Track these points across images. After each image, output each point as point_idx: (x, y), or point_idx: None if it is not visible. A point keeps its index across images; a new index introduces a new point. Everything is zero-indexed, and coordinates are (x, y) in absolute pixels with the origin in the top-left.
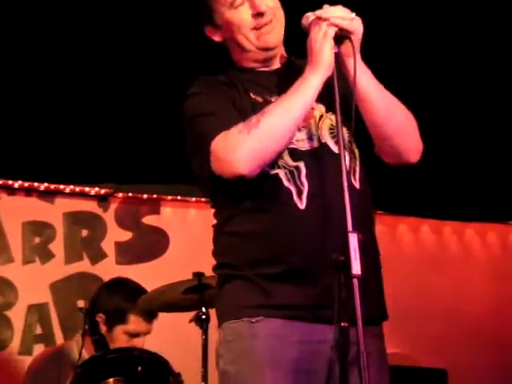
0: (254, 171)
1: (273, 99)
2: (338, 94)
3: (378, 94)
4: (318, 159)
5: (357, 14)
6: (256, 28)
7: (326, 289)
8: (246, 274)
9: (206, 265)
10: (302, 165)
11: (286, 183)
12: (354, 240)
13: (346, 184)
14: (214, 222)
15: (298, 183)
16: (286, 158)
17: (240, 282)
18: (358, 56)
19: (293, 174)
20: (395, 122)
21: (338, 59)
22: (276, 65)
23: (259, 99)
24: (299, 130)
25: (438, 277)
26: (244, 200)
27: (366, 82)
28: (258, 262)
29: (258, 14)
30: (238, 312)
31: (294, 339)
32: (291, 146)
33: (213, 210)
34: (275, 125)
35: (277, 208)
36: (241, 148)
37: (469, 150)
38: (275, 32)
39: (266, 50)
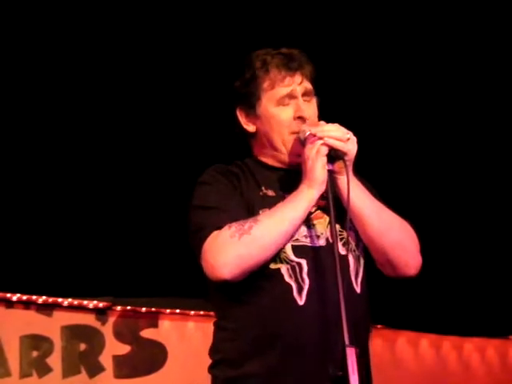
0: (237, 277)
1: (286, 195)
2: (332, 207)
3: (371, 209)
4: (323, 257)
5: (354, 134)
6: (293, 132)
7: None
8: (243, 372)
9: (205, 379)
10: (304, 262)
11: (287, 279)
12: (351, 354)
13: (342, 297)
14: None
15: (300, 280)
16: (289, 252)
17: None
18: (351, 173)
19: (294, 270)
20: (391, 237)
21: (332, 176)
22: (297, 167)
23: (271, 193)
24: (308, 226)
25: None
26: (242, 293)
27: (358, 198)
28: (253, 357)
29: (300, 118)
30: None
31: None
32: (295, 243)
33: (212, 306)
34: (266, 235)
35: (276, 303)
36: (227, 253)
37: (468, 265)
38: None
39: (297, 155)
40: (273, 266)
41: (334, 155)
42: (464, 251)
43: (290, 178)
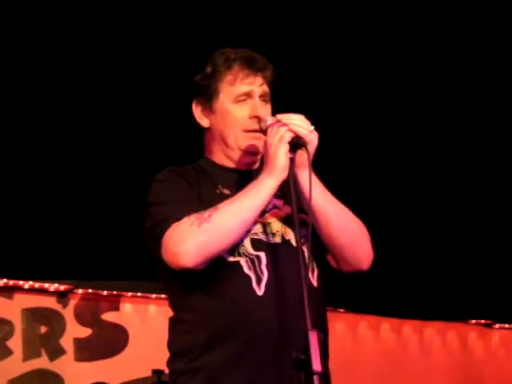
0: (199, 265)
1: None
2: (294, 196)
3: (330, 206)
4: (279, 253)
5: (315, 129)
6: (246, 130)
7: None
8: (199, 364)
9: (166, 361)
10: (262, 255)
11: (246, 270)
12: (313, 338)
13: (304, 283)
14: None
15: (258, 271)
16: (248, 246)
17: (192, 381)
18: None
19: (253, 262)
20: (347, 233)
21: (293, 165)
22: (250, 168)
23: (226, 191)
24: (264, 225)
25: (398, 375)
26: (200, 286)
27: (318, 195)
28: (211, 348)
29: (255, 117)
30: None
31: None
32: (254, 237)
33: (168, 299)
34: (225, 223)
35: (235, 293)
36: (188, 241)
37: (429, 250)
38: (261, 141)
39: (248, 153)
40: (232, 258)
41: (296, 143)
42: (425, 236)
43: (244, 179)
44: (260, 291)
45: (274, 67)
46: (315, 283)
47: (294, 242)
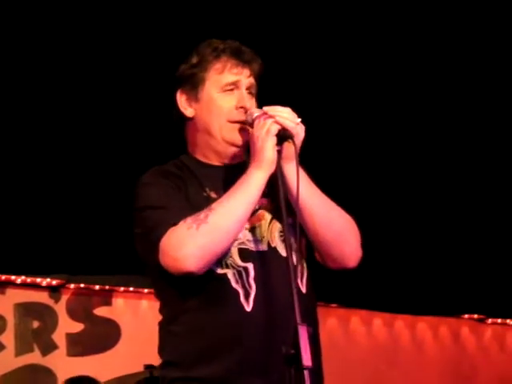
0: (203, 268)
1: None
2: (282, 188)
3: (317, 201)
4: (267, 262)
5: (302, 121)
6: (232, 121)
7: None
8: (189, 375)
9: (158, 357)
10: (250, 266)
11: (233, 284)
12: (303, 332)
13: (293, 277)
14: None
15: (246, 285)
16: (235, 257)
17: None
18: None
19: (241, 275)
20: (334, 229)
21: (280, 157)
22: (234, 161)
23: (213, 195)
24: (250, 230)
25: (390, 370)
26: (189, 298)
27: (304, 188)
28: (200, 362)
29: (242, 108)
30: None
31: None
32: (241, 246)
33: (159, 305)
34: (222, 222)
35: (223, 309)
36: (189, 244)
37: (421, 245)
38: (247, 133)
39: (232, 145)
40: (220, 270)
41: (282, 135)
42: (417, 230)
43: (230, 175)
44: (248, 307)
45: (261, 61)
46: (303, 289)
47: (279, 248)
